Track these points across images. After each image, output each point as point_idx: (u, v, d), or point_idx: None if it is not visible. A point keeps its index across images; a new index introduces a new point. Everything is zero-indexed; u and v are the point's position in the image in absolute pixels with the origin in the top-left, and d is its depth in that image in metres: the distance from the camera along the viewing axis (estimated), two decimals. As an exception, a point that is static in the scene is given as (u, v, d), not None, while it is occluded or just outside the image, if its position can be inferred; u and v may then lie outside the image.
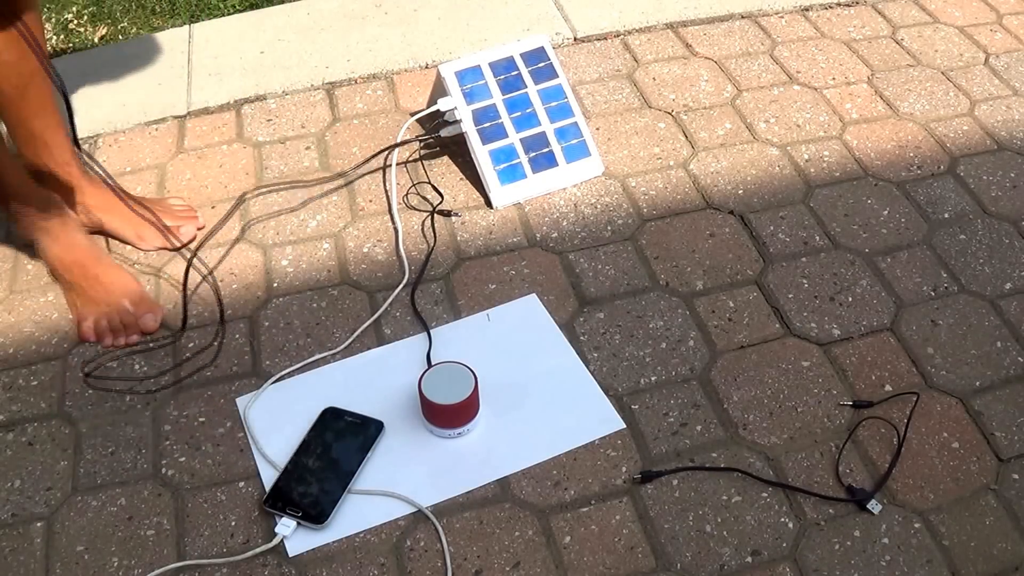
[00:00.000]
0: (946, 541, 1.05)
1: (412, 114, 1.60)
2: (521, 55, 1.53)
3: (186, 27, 1.91)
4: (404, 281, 1.35)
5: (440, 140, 1.51)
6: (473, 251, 1.41)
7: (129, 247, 1.41)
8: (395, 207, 1.46)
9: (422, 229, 1.44)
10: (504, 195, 1.46)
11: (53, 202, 1.29)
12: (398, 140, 1.52)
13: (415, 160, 1.54)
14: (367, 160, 1.51)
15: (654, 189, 1.50)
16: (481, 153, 1.46)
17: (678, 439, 1.16)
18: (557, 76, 1.53)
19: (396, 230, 1.43)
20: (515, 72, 1.51)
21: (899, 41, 1.82)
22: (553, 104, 1.52)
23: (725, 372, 1.23)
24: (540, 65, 1.53)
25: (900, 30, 1.85)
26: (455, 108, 1.46)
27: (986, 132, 1.61)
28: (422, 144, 1.54)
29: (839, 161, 1.55)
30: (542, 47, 1.54)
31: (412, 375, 1.19)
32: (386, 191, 1.48)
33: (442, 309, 1.32)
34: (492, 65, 1.51)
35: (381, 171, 1.53)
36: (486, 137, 1.47)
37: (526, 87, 1.51)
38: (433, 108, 1.47)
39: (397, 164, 1.52)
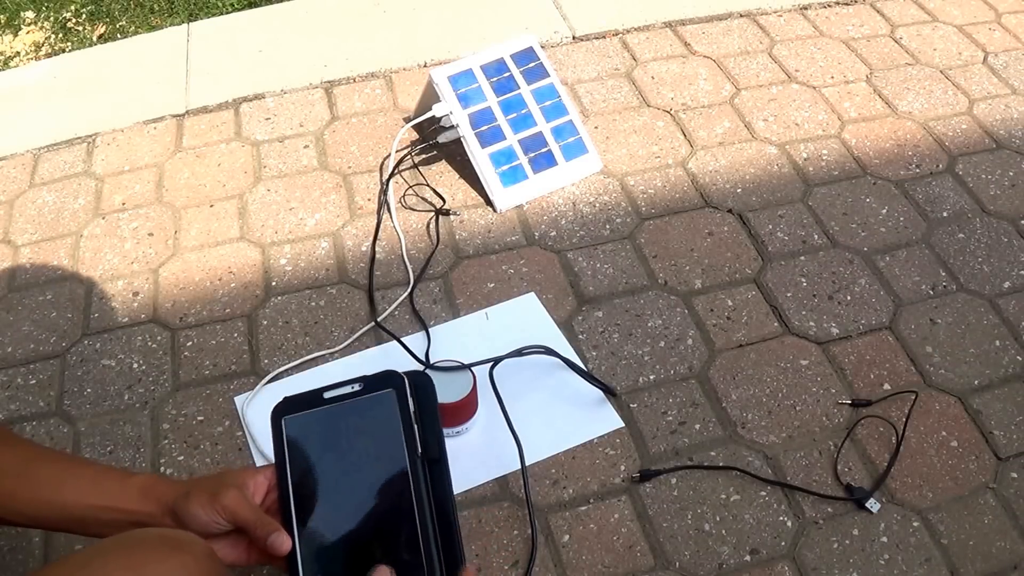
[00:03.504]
0: (945, 540, 1.05)
1: (406, 120, 1.59)
2: (511, 56, 1.53)
3: (184, 26, 1.90)
4: (410, 286, 1.35)
5: (437, 144, 1.51)
6: (472, 250, 1.40)
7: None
8: (394, 212, 1.46)
9: (426, 229, 1.44)
10: (507, 197, 1.46)
11: None
12: (394, 148, 1.52)
13: (411, 168, 1.54)
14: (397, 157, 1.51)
15: (652, 188, 1.50)
16: (481, 156, 1.46)
17: (677, 438, 1.16)
18: (548, 75, 1.53)
19: (399, 236, 1.42)
20: (507, 73, 1.51)
21: (898, 40, 1.82)
22: (547, 103, 1.52)
23: (724, 371, 1.23)
24: (531, 65, 1.53)
25: (899, 29, 1.85)
26: (450, 113, 1.46)
27: (985, 131, 1.61)
28: (419, 150, 1.54)
29: (838, 160, 1.55)
30: (531, 47, 1.54)
31: (411, 374, 1.19)
32: (385, 201, 1.48)
33: (440, 308, 1.32)
34: (484, 67, 1.51)
35: (379, 171, 1.53)
36: (484, 140, 1.47)
37: (519, 88, 1.51)
38: (428, 115, 1.47)
39: (394, 168, 1.52)
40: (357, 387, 0.80)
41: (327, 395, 0.81)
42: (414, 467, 0.77)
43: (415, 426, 0.79)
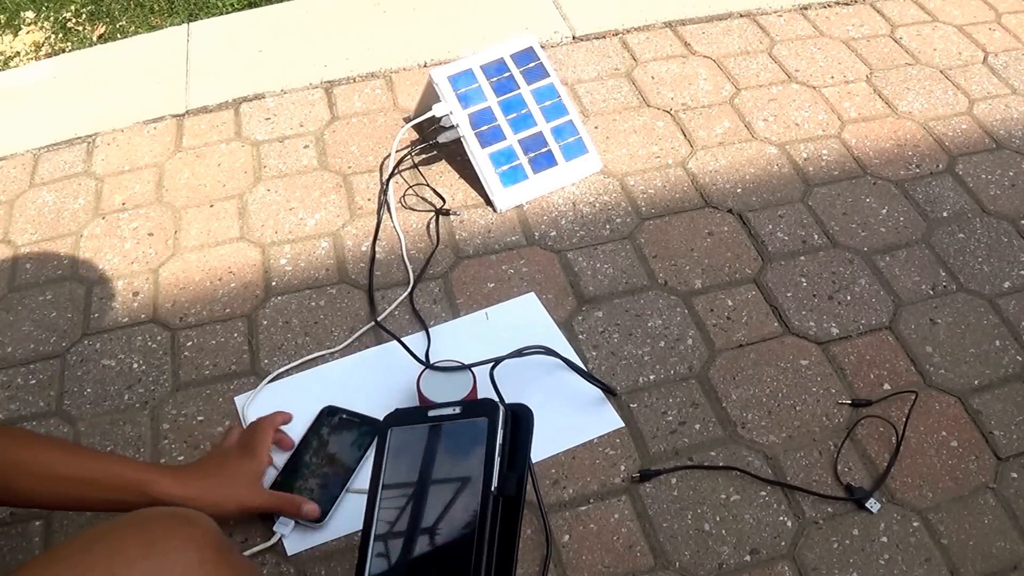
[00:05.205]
0: (944, 540, 1.05)
1: (406, 120, 1.59)
2: (511, 56, 1.53)
3: (184, 26, 1.90)
4: (410, 286, 1.35)
5: (437, 144, 1.51)
6: (472, 250, 1.41)
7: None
8: (394, 212, 1.46)
9: (426, 229, 1.44)
10: (507, 197, 1.46)
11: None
12: (394, 148, 1.52)
13: (411, 168, 1.54)
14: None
15: (652, 188, 1.50)
16: (481, 156, 1.46)
17: (677, 438, 1.16)
18: (548, 75, 1.53)
19: (399, 236, 1.42)
20: (507, 73, 1.51)
21: (898, 40, 1.82)
22: (547, 103, 1.52)
23: (724, 371, 1.23)
24: (531, 65, 1.53)
25: (899, 29, 1.85)
26: (450, 113, 1.45)
27: (984, 131, 1.61)
28: (419, 150, 1.54)
29: (838, 160, 1.55)
30: (531, 47, 1.54)
31: (410, 374, 1.19)
32: (385, 201, 1.48)
33: (440, 308, 1.32)
34: (484, 67, 1.51)
35: (379, 171, 1.53)
36: (484, 140, 1.47)
37: (519, 88, 1.51)
38: (428, 115, 1.47)
39: (394, 168, 1.52)
40: (456, 410, 0.82)
41: (430, 413, 0.84)
42: (484, 502, 0.77)
43: (496, 459, 0.79)
